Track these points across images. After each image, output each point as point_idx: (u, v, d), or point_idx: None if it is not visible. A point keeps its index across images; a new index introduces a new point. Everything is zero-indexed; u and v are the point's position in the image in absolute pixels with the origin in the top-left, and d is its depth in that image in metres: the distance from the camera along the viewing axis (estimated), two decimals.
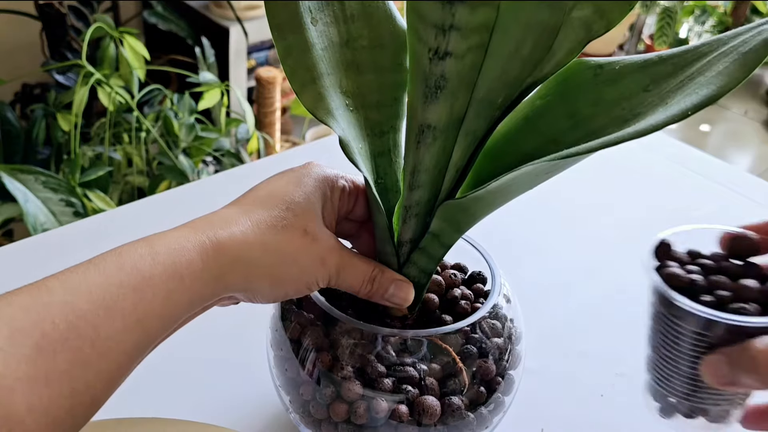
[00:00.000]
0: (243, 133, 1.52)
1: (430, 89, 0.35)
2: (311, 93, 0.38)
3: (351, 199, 0.42)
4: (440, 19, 0.32)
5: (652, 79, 0.37)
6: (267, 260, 0.36)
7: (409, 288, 0.41)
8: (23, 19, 1.62)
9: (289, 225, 0.37)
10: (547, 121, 0.40)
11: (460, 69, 0.34)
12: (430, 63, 0.34)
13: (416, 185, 0.39)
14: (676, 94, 0.35)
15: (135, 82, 1.38)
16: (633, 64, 0.38)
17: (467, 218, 0.40)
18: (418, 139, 0.37)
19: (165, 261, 0.33)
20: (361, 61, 0.41)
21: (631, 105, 0.37)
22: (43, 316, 0.29)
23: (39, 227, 1.05)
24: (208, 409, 0.53)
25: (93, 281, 0.31)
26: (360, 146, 0.41)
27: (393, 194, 0.43)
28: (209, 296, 0.35)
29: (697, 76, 0.35)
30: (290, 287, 0.38)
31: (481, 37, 0.33)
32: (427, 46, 0.33)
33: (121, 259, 0.33)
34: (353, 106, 0.41)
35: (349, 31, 0.41)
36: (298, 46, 0.38)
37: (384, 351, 0.41)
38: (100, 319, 0.30)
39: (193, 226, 0.36)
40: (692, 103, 0.32)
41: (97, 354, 0.30)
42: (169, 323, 0.34)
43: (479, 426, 0.43)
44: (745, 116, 2.78)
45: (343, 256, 0.39)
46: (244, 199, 0.39)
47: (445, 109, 0.35)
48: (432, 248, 0.41)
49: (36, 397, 0.28)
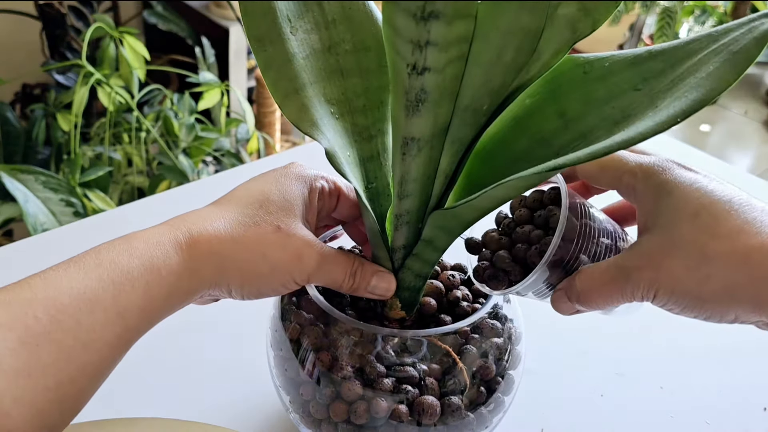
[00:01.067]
0: (243, 133, 1.52)
1: (411, 102, 0.34)
2: (294, 104, 0.38)
3: (332, 199, 0.43)
4: (416, 35, 0.31)
5: (642, 78, 0.36)
6: (238, 256, 0.37)
7: (391, 278, 0.41)
8: (23, 19, 1.62)
9: (261, 222, 0.38)
10: (536, 121, 0.40)
11: (440, 82, 0.33)
12: (409, 77, 0.33)
13: (405, 194, 0.38)
14: (666, 96, 0.34)
15: (135, 82, 1.38)
16: (623, 60, 0.38)
17: (459, 224, 0.39)
18: (403, 150, 0.36)
19: (142, 255, 0.34)
20: (345, 65, 0.41)
21: (621, 105, 0.36)
22: (26, 311, 0.30)
23: (39, 227, 1.05)
24: (208, 409, 0.53)
25: (73, 277, 0.32)
26: (348, 153, 0.40)
27: (385, 198, 0.43)
28: (186, 290, 0.36)
29: (688, 76, 0.34)
30: (263, 284, 0.38)
31: (461, 48, 0.32)
32: (405, 60, 0.32)
33: (99, 255, 0.34)
34: (339, 114, 0.40)
35: (331, 36, 0.40)
36: (279, 57, 0.38)
37: (384, 351, 0.41)
38: (81, 313, 0.31)
39: (169, 223, 0.37)
40: (681, 108, 0.32)
41: (80, 346, 0.31)
42: (150, 316, 0.34)
43: (479, 426, 0.43)
44: (745, 116, 2.77)
45: (322, 252, 0.39)
46: (221, 199, 0.40)
47: (428, 120, 0.35)
48: (426, 254, 0.41)
49: (21, 389, 0.29)
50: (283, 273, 0.38)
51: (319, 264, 0.39)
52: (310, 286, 0.43)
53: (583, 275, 0.38)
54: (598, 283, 0.38)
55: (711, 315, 0.35)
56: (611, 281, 0.37)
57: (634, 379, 0.59)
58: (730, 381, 0.59)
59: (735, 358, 0.62)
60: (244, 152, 1.56)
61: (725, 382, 0.59)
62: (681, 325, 0.65)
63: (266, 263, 0.38)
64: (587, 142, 0.36)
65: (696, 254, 0.34)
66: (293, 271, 0.38)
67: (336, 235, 0.48)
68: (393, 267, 0.42)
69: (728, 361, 0.61)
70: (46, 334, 0.30)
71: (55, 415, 0.30)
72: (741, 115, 2.78)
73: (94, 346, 0.32)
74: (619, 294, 0.37)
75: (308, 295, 0.43)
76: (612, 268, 0.37)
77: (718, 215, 0.34)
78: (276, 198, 0.39)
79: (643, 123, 0.33)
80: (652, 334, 0.64)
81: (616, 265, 0.37)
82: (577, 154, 0.33)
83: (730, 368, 0.61)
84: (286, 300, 0.45)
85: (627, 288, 0.36)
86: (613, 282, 0.37)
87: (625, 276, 0.36)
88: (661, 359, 0.61)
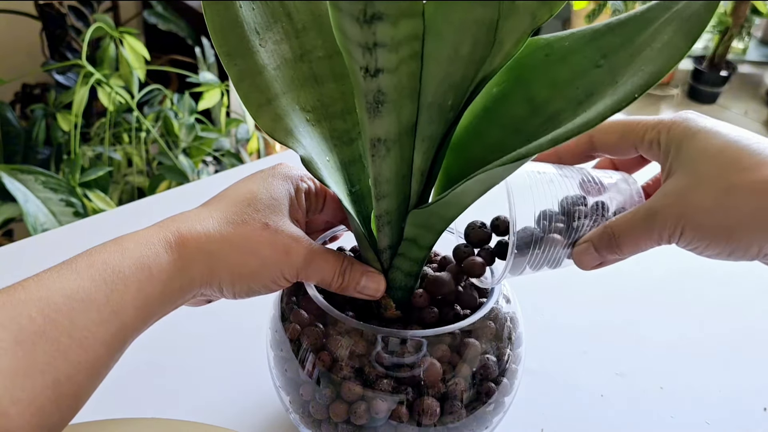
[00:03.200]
0: (243, 133, 1.52)
1: (371, 104, 0.33)
2: (268, 115, 0.38)
3: (318, 200, 0.43)
4: (362, 38, 0.30)
5: (602, 54, 0.36)
6: (227, 253, 0.37)
7: (380, 279, 0.41)
8: (23, 19, 1.62)
9: (249, 219, 0.38)
10: (506, 109, 0.40)
11: (396, 82, 0.33)
12: (365, 80, 0.32)
13: (381, 195, 0.38)
14: (626, 71, 0.34)
15: (135, 82, 1.38)
16: (582, 36, 0.38)
17: (439, 221, 0.39)
18: (372, 152, 0.36)
19: (133, 255, 0.35)
20: (318, 72, 0.41)
21: (584, 84, 0.36)
22: (20, 311, 0.30)
23: (39, 227, 1.05)
24: (208, 409, 0.53)
25: (66, 278, 0.33)
26: (327, 159, 0.40)
27: (370, 200, 0.42)
28: (178, 289, 0.36)
29: (644, 48, 0.34)
30: (253, 281, 0.39)
31: (412, 47, 0.32)
32: (358, 64, 0.32)
33: (91, 257, 0.34)
34: (315, 120, 0.40)
35: (302, 44, 0.40)
36: (249, 70, 0.38)
37: (384, 351, 0.41)
38: (75, 312, 0.32)
39: (160, 224, 0.37)
40: (638, 84, 0.32)
41: (76, 345, 0.31)
42: (144, 315, 0.35)
43: (479, 426, 0.43)
44: (745, 116, 2.77)
45: (310, 248, 0.39)
46: (211, 200, 0.40)
47: (391, 120, 0.34)
48: (411, 252, 0.41)
49: (19, 389, 0.29)
50: (272, 269, 0.38)
51: (307, 259, 0.39)
52: (309, 286, 0.43)
53: (615, 222, 0.40)
54: (628, 227, 0.39)
55: (736, 249, 0.36)
56: (641, 224, 0.38)
57: (634, 379, 0.59)
58: (730, 381, 0.59)
59: (735, 358, 0.62)
60: (244, 152, 1.56)
61: (725, 382, 0.59)
62: (681, 325, 0.65)
63: (255, 260, 0.38)
64: (555, 126, 0.36)
65: (722, 186, 0.36)
66: (282, 266, 0.39)
67: (336, 236, 0.48)
68: (382, 267, 0.42)
69: (728, 361, 0.61)
70: (41, 333, 0.30)
71: (54, 414, 0.31)
72: (741, 115, 2.78)
73: (90, 344, 0.32)
74: (647, 236, 0.38)
75: (308, 295, 0.43)
76: (641, 211, 0.39)
77: (741, 151, 0.36)
78: (263, 196, 0.39)
79: (603, 102, 0.33)
80: (652, 334, 0.64)
81: (644, 209, 0.39)
82: (540, 142, 0.32)
83: (730, 368, 0.61)
84: (286, 300, 0.45)
85: (655, 228, 0.38)
86: (644, 224, 0.38)
87: (652, 217, 0.38)
88: (661, 359, 0.61)
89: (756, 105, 2.87)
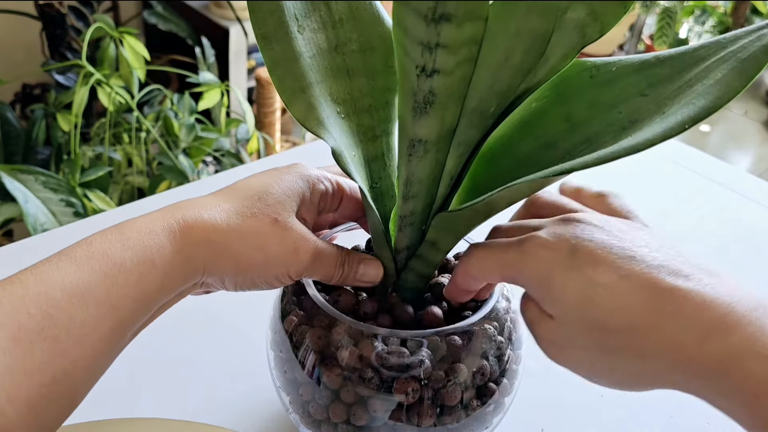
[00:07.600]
0: (243, 133, 1.52)
1: (419, 104, 0.33)
2: (301, 103, 0.38)
3: (335, 200, 0.43)
4: (426, 37, 0.31)
5: (649, 83, 0.36)
6: (232, 245, 0.37)
7: (378, 265, 0.41)
8: (23, 19, 1.62)
9: (258, 213, 0.38)
10: (543, 124, 0.40)
11: (449, 84, 0.33)
12: (418, 79, 0.32)
13: (410, 196, 0.38)
14: (674, 103, 0.34)
15: (135, 82, 1.38)
16: (630, 65, 0.38)
17: (463, 226, 0.39)
18: (409, 152, 0.36)
19: (135, 245, 0.34)
20: (351, 65, 0.40)
21: (628, 110, 0.36)
22: (18, 308, 0.30)
23: (39, 227, 1.05)
24: (208, 409, 0.53)
25: (65, 270, 0.32)
26: (353, 153, 0.40)
27: (388, 198, 0.43)
28: (180, 280, 0.36)
29: (695, 83, 0.34)
30: (256, 275, 0.38)
31: (470, 50, 0.32)
32: (414, 62, 0.32)
33: (91, 247, 0.33)
34: (344, 113, 0.40)
35: (337, 35, 0.40)
36: (286, 56, 0.37)
37: (384, 351, 0.41)
38: (73, 307, 0.31)
39: (163, 210, 0.37)
40: (689, 115, 0.32)
41: (74, 341, 0.31)
42: (143, 308, 0.34)
43: (479, 426, 0.43)
44: (745, 116, 2.78)
45: (317, 246, 0.39)
46: (221, 191, 0.39)
47: (435, 122, 0.35)
48: (429, 255, 0.41)
49: (15, 387, 0.29)
50: (279, 266, 0.38)
51: (314, 258, 0.39)
52: (309, 286, 0.43)
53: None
54: None
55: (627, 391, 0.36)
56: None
57: None
58: None
59: None
60: (244, 152, 1.56)
61: None
62: None
63: (262, 255, 0.37)
64: (593, 147, 0.36)
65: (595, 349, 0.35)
66: (289, 265, 0.38)
67: (335, 236, 0.48)
68: (396, 267, 0.42)
69: None
70: (39, 330, 0.30)
71: (51, 412, 0.30)
72: (741, 115, 2.78)
73: (88, 340, 0.31)
74: None
75: (308, 295, 0.43)
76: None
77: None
78: (275, 191, 0.39)
79: (651, 129, 0.33)
80: None
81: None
82: (585, 159, 0.33)
83: None
84: (285, 300, 0.45)
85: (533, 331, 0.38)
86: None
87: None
88: None
89: (756, 105, 2.87)
